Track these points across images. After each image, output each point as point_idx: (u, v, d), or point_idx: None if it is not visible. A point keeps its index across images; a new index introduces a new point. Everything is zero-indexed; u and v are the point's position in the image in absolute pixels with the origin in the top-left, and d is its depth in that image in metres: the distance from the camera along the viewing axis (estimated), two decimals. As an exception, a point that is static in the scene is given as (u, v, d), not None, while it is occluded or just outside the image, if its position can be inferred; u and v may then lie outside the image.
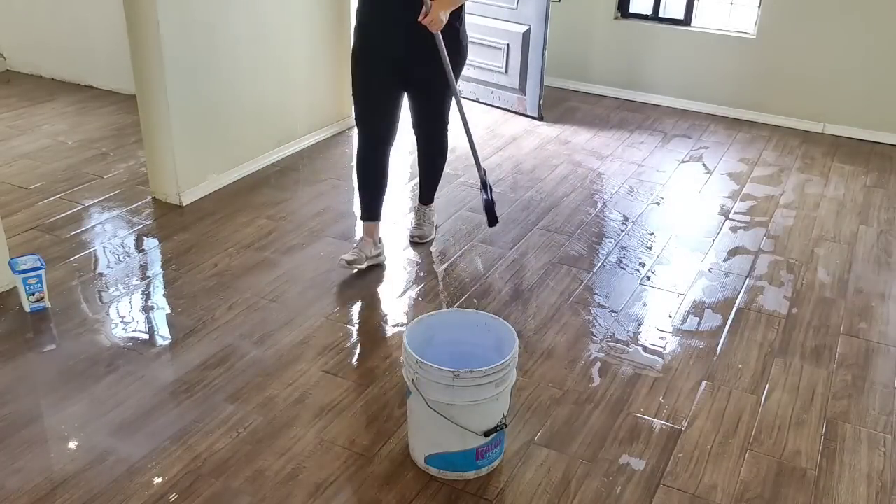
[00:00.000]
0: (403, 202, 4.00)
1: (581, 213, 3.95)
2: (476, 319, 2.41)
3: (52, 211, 3.74)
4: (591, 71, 5.71)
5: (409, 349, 2.20)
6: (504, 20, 5.11)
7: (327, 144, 4.68)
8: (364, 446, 2.40)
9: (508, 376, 2.22)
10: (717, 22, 5.36)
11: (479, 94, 5.46)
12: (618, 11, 5.51)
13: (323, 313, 3.05)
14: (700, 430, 2.53)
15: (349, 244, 3.55)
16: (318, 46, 4.51)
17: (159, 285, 3.21)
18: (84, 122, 4.82)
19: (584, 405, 2.62)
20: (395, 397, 2.61)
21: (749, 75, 5.22)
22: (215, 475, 2.27)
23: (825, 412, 2.63)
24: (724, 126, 5.21)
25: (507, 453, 2.39)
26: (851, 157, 4.77)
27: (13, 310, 2.99)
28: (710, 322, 3.10)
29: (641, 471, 2.36)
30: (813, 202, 4.16)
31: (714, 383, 2.75)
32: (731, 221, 3.93)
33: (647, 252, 3.61)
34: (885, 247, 3.73)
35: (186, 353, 2.79)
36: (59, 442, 2.38)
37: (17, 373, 2.65)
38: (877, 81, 4.91)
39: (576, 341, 2.95)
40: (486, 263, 3.46)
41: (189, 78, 3.71)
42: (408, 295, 3.22)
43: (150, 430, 2.43)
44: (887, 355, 2.93)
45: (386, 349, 2.86)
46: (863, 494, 2.31)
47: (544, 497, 2.25)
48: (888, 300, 3.29)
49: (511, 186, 4.23)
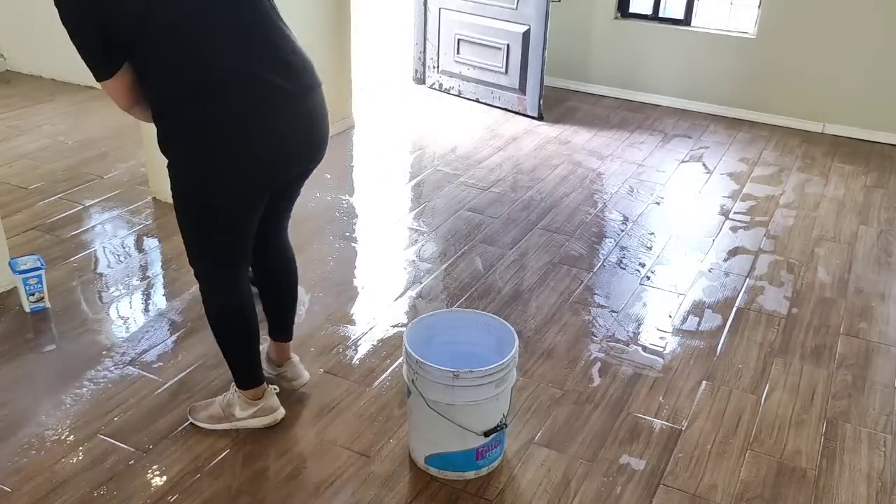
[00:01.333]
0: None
1: (581, 213, 3.95)
2: (476, 319, 2.41)
3: (53, 211, 3.74)
4: (591, 71, 5.71)
5: (409, 349, 2.20)
6: (504, 20, 5.11)
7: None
8: (364, 446, 2.40)
9: (508, 376, 2.22)
10: (717, 22, 5.36)
11: (479, 93, 5.46)
12: (618, 11, 5.51)
13: (323, 313, 3.05)
14: (700, 430, 2.53)
15: (349, 244, 3.56)
16: (319, 46, 4.51)
17: (159, 285, 3.21)
18: (84, 122, 4.82)
19: (584, 405, 2.62)
20: (395, 397, 2.61)
21: (749, 75, 5.22)
22: (215, 475, 2.27)
23: (825, 412, 2.63)
24: (724, 126, 5.21)
25: (507, 453, 2.39)
26: (851, 157, 4.77)
27: (13, 310, 2.99)
28: (710, 322, 3.10)
29: (641, 471, 2.36)
30: (813, 202, 4.16)
31: (714, 383, 2.75)
32: (731, 221, 3.93)
33: (647, 252, 3.61)
34: (885, 247, 3.73)
35: (186, 353, 2.79)
36: (58, 442, 2.38)
37: (17, 373, 2.65)
38: (877, 81, 4.91)
39: (576, 341, 2.95)
40: (486, 263, 3.45)
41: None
42: (408, 295, 3.22)
43: (150, 430, 2.43)
44: (887, 355, 2.93)
45: (386, 349, 2.86)
46: (863, 494, 2.31)
47: (544, 497, 2.25)
48: (888, 300, 3.29)
49: (511, 186, 4.23)
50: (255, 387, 2.40)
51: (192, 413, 2.47)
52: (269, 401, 2.43)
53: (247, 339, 2.35)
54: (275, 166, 2.17)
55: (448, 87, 5.63)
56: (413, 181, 4.29)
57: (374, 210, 3.94)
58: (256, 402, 2.41)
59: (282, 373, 2.61)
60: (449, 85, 5.62)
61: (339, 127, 4.85)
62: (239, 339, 2.35)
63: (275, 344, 2.60)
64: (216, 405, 2.45)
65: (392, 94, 5.68)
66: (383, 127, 5.05)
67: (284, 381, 2.60)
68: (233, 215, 2.17)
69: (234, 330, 2.33)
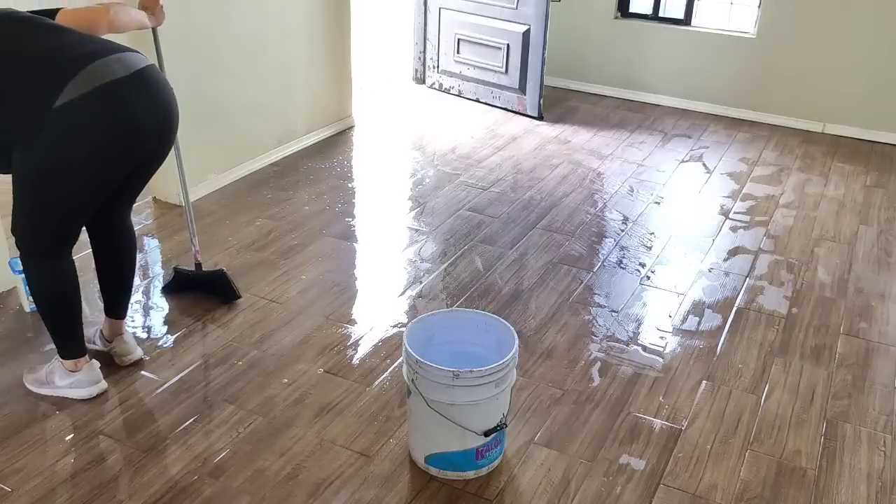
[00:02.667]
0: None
1: (581, 213, 3.95)
2: (476, 319, 2.41)
3: (52, 211, 3.74)
4: (591, 71, 5.71)
5: (409, 349, 2.20)
6: (504, 20, 5.11)
7: (327, 144, 4.68)
8: (364, 446, 2.40)
9: (508, 376, 2.22)
10: (717, 22, 5.36)
11: (479, 93, 5.47)
12: (618, 11, 5.51)
13: (323, 313, 3.05)
14: (700, 429, 2.53)
15: (349, 244, 3.56)
16: (319, 46, 4.51)
17: (159, 285, 3.21)
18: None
19: (584, 405, 2.62)
20: (395, 397, 2.61)
21: (749, 75, 5.22)
22: (215, 475, 2.27)
23: (825, 412, 2.63)
24: (724, 126, 5.21)
25: (507, 453, 2.39)
26: (851, 157, 4.77)
27: (13, 310, 2.99)
28: (710, 322, 3.10)
29: (641, 470, 2.36)
30: (813, 202, 4.16)
31: (714, 383, 2.75)
32: (731, 221, 3.93)
33: (647, 252, 3.61)
34: (885, 247, 3.73)
35: (186, 352, 2.79)
36: (58, 442, 2.38)
37: (17, 373, 2.65)
38: (877, 81, 4.91)
39: (576, 341, 2.95)
40: (486, 263, 3.46)
41: (189, 77, 3.70)
42: (408, 295, 3.22)
43: (150, 430, 2.43)
44: (887, 355, 2.93)
45: (386, 349, 2.86)
46: (863, 494, 2.31)
47: (544, 497, 2.25)
48: (888, 300, 3.29)
49: (511, 186, 4.23)
50: (74, 357, 2.51)
51: (25, 373, 2.61)
52: (90, 374, 2.54)
53: (68, 311, 2.46)
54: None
55: (448, 86, 5.63)
56: (413, 181, 4.29)
57: (374, 210, 3.94)
58: (75, 374, 2.52)
59: (112, 348, 2.70)
60: (449, 85, 5.62)
61: (339, 126, 4.85)
62: (59, 311, 2.45)
63: (108, 320, 2.70)
64: (42, 370, 2.57)
65: (392, 93, 5.68)
66: (383, 127, 5.05)
67: (115, 356, 2.70)
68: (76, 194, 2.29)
69: (55, 301, 2.43)
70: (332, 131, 4.80)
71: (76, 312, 2.47)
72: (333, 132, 4.81)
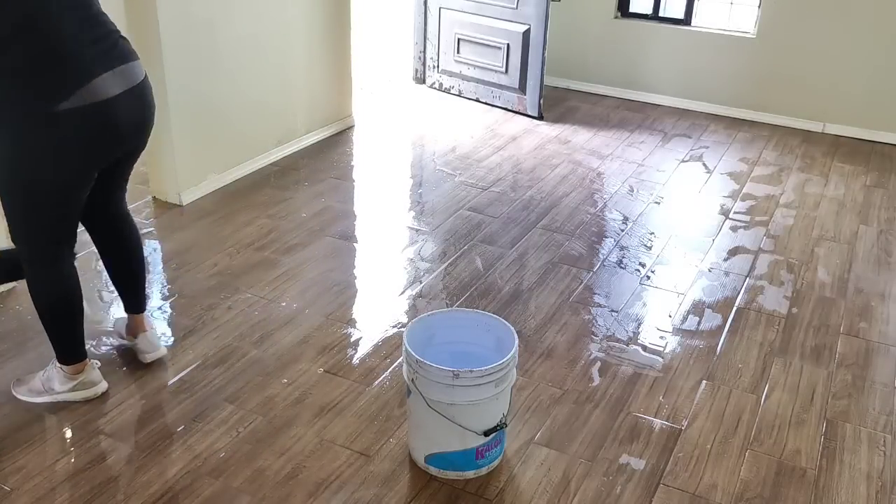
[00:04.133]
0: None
1: (581, 213, 3.95)
2: (476, 319, 2.41)
3: (52, 210, 3.74)
4: (591, 70, 5.71)
5: (409, 349, 2.20)
6: (504, 20, 5.11)
7: (327, 144, 4.68)
8: (364, 446, 2.40)
9: (508, 376, 2.22)
10: (717, 22, 5.36)
11: (479, 93, 5.46)
12: (618, 11, 5.51)
13: (323, 313, 3.05)
14: (700, 429, 2.53)
15: (349, 244, 3.56)
16: (319, 46, 4.51)
17: (159, 285, 3.21)
18: (84, 121, 4.82)
19: (584, 405, 2.62)
20: (395, 397, 2.61)
21: (749, 75, 5.22)
22: (215, 475, 2.27)
23: (825, 412, 2.63)
24: (724, 126, 5.21)
25: (507, 453, 2.39)
26: (851, 157, 4.77)
27: (13, 310, 2.99)
28: (710, 322, 3.10)
29: (641, 470, 2.36)
30: (813, 202, 4.16)
31: (714, 383, 2.75)
32: (731, 221, 3.93)
33: (647, 252, 3.61)
34: (885, 246, 3.73)
35: (186, 352, 2.79)
36: (58, 441, 2.38)
37: (17, 373, 2.64)
38: (877, 81, 4.91)
39: (576, 341, 2.95)
40: (486, 263, 3.46)
41: (189, 77, 3.71)
42: (408, 295, 3.22)
43: (151, 430, 2.43)
44: (887, 355, 2.93)
45: (386, 349, 2.86)
46: (863, 494, 2.31)
47: (544, 497, 2.25)
48: (888, 300, 3.29)
49: (511, 186, 4.23)
50: (76, 362, 2.49)
51: (14, 386, 2.54)
52: (90, 375, 2.52)
53: (70, 317, 2.44)
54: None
55: (448, 86, 5.63)
56: (413, 181, 4.29)
57: (374, 209, 3.94)
58: (76, 377, 2.49)
59: (135, 344, 2.69)
60: (449, 84, 5.62)
61: (339, 126, 4.85)
62: (62, 317, 2.43)
63: (130, 316, 2.69)
64: (37, 379, 2.53)
65: (392, 93, 5.68)
66: (383, 126, 5.05)
67: (138, 353, 2.68)
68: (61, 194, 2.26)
69: (58, 307, 2.41)
70: (332, 131, 4.80)
71: (79, 320, 2.46)
72: (333, 132, 4.81)
